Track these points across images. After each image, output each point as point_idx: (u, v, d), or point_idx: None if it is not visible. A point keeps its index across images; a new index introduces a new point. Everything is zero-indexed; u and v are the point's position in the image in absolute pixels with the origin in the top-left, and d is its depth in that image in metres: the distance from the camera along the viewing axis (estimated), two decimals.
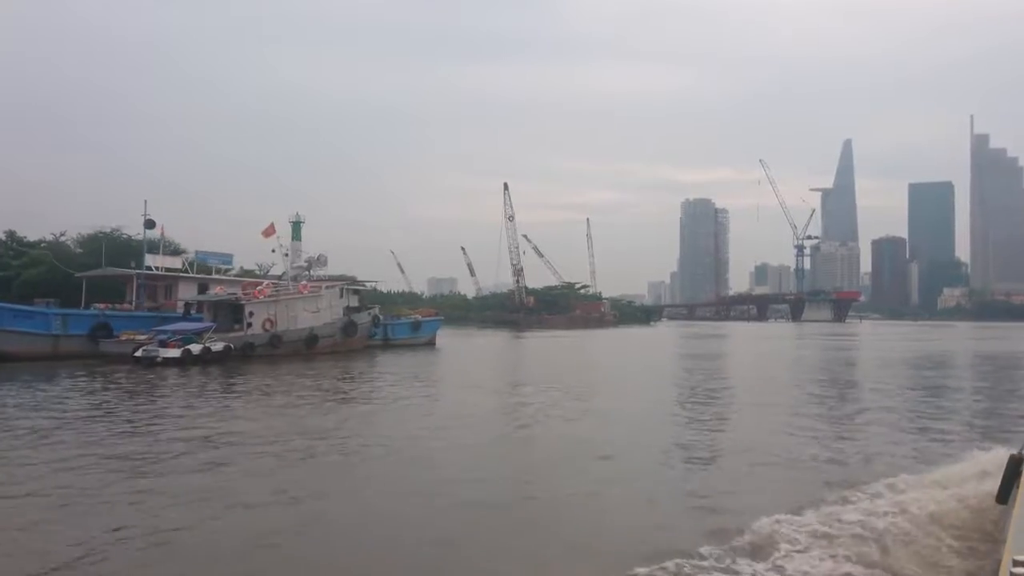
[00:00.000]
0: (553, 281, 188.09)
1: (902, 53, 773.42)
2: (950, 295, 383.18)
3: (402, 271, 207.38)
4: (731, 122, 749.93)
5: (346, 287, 56.86)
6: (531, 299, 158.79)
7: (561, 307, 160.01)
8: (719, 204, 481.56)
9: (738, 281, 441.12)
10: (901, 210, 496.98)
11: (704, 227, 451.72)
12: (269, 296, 50.21)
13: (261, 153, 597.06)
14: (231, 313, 48.42)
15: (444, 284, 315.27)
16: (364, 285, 66.15)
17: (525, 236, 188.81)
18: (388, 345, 61.54)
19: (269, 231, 53.48)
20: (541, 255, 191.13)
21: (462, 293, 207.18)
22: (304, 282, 54.16)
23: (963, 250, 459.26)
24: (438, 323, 73.74)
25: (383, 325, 63.07)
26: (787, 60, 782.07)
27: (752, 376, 41.08)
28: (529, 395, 28.77)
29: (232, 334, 45.88)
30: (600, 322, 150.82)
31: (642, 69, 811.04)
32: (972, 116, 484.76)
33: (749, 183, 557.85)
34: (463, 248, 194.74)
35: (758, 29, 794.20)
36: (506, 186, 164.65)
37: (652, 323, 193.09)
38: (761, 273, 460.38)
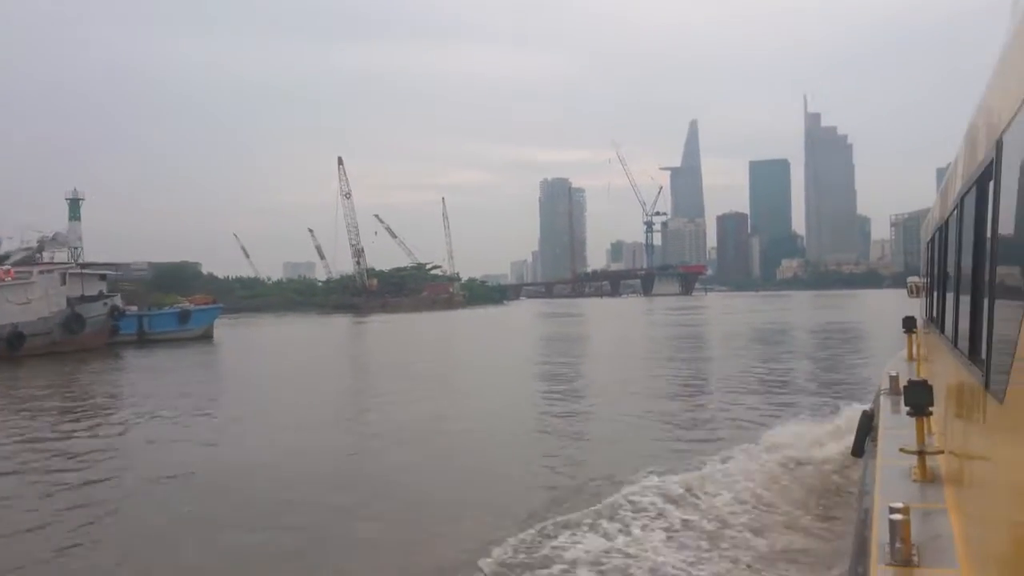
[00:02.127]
0: (411, 263, 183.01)
1: (744, 37, 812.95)
2: (788, 266, 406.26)
3: (246, 255, 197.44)
4: (589, 103, 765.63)
5: (73, 272, 47.90)
6: (374, 282, 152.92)
7: (411, 289, 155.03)
8: (577, 184, 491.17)
9: (596, 258, 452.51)
10: (743, 187, 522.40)
11: (562, 206, 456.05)
12: None
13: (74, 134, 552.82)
14: None
15: (301, 268, 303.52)
16: (111, 269, 57.10)
17: (377, 216, 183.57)
18: (145, 341, 52.84)
19: None
20: (395, 236, 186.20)
21: (315, 278, 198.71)
22: (7, 267, 45.43)
23: (799, 224, 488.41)
24: (215, 312, 64.52)
25: (139, 317, 55.37)
26: (640, 44, 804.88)
27: (604, 357, 40.14)
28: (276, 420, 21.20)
29: None
30: (449, 304, 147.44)
31: (503, 52, 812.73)
32: (806, 96, 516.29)
33: (605, 163, 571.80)
34: (311, 230, 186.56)
35: (613, 14, 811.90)
36: (340, 161, 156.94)
37: (506, 302, 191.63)
38: (617, 250, 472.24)
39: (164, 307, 62.33)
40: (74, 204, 49.77)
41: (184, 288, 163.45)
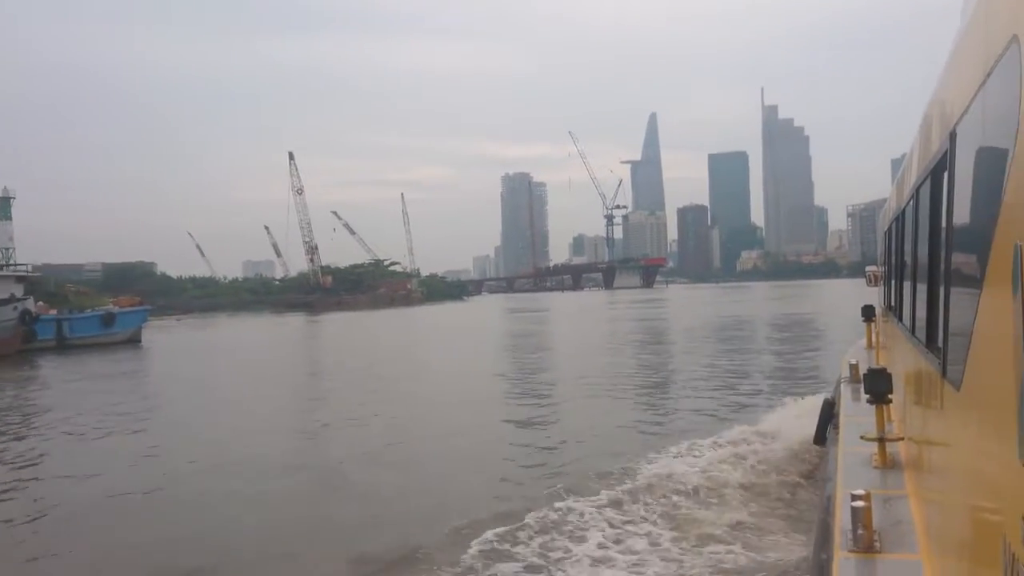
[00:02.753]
0: (369, 260, 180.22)
1: (702, 32, 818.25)
2: (748, 257, 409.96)
3: (202, 254, 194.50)
4: (549, 97, 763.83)
5: None
6: (328, 279, 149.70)
7: (368, 286, 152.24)
8: (538, 178, 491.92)
9: (559, 252, 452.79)
10: (703, 180, 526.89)
11: (524, 201, 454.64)
12: None
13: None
14: None
15: (261, 267, 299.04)
16: (28, 270, 53.90)
17: (335, 213, 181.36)
18: (66, 346, 50.30)
19: None
20: (353, 232, 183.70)
21: (275, 276, 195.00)
22: None
23: (758, 215, 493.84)
24: (143, 315, 61.37)
25: (57, 321, 52.38)
26: (600, 39, 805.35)
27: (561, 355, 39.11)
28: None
29: None
30: (407, 300, 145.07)
31: (464, 46, 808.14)
32: (763, 88, 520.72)
33: (566, 157, 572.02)
34: (267, 228, 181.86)
35: (573, 8, 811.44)
36: (292, 156, 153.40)
37: (466, 298, 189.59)
38: (579, 244, 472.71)
39: (85, 311, 58.41)
40: (3, 203, 46.66)
41: (135, 289, 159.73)
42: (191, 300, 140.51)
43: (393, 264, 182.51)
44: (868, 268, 16.05)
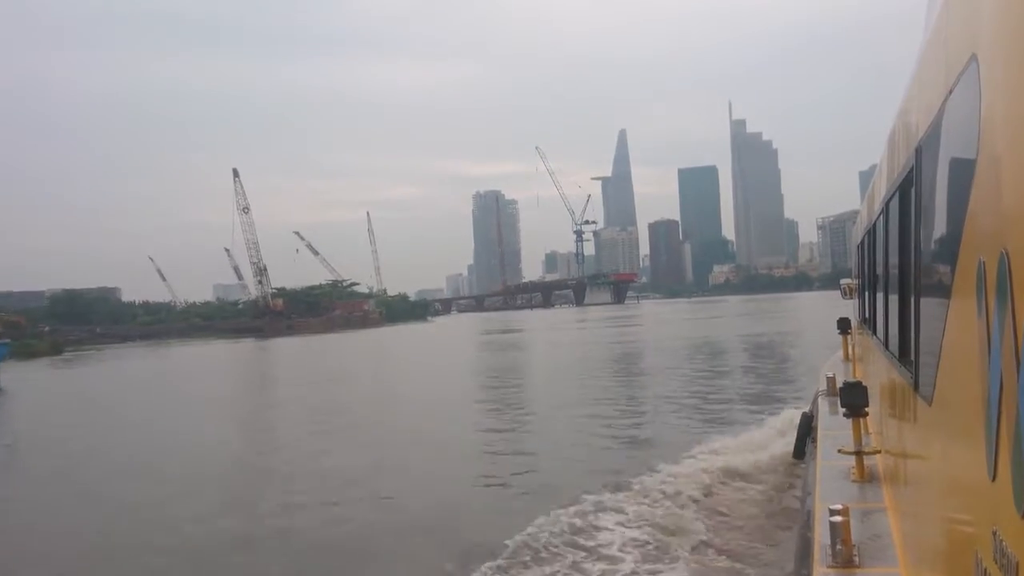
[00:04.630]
0: (328, 281, 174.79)
1: (669, 49, 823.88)
2: (720, 271, 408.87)
3: (163, 278, 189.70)
4: (519, 117, 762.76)
5: None
6: (279, 302, 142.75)
7: (324, 308, 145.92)
8: (510, 196, 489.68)
9: (531, 269, 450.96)
10: (673, 195, 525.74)
11: (495, 219, 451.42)
12: None
13: None
14: None
15: (233, 290, 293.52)
16: None
17: (298, 233, 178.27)
18: None
19: None
20: (316, 252, 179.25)
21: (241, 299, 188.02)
22: None
23: (729, 229, 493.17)
24: (2, 350, 55.02)
25: None
26: (568, 56, 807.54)
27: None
28: None
29: None
30: (364, 322, 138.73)
31: (432, 66, 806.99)
32: (730, 102, 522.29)
33: (537, 174, 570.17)
34: (227, 250, 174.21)
35: (541, 27, 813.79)
36: (236, 173, 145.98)
37: (430, 318, 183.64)
38: (551, 261, 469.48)
39: None
40: None
41: (84, 316, 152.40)
42: (132, 328, 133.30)
43: (352, 285, 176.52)
44: (843, 281, 16.15)
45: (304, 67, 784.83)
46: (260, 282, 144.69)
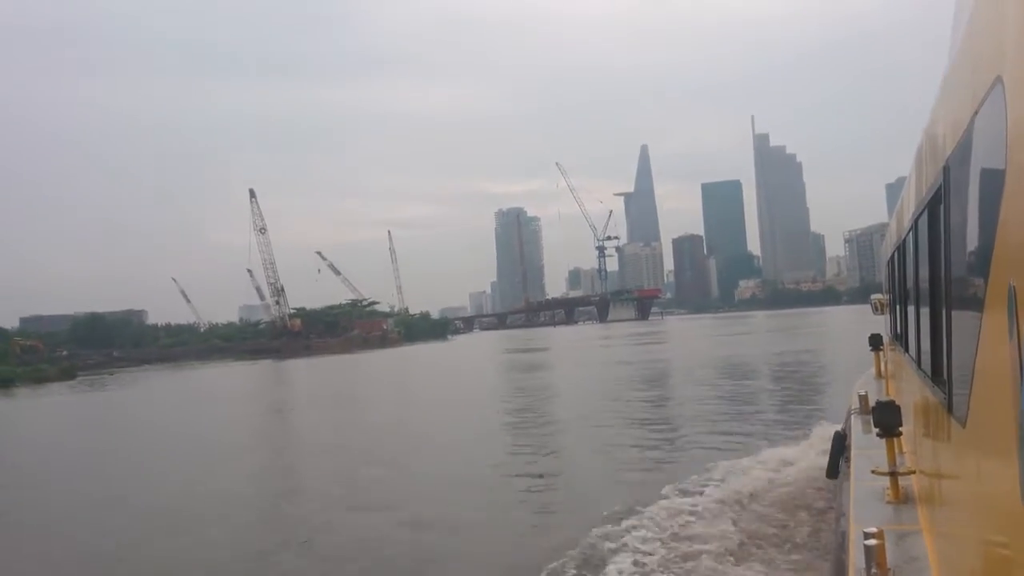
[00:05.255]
0: (355, 299, 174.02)
1: (690, 64, 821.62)
2: (746, 286, 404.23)
3: (187, 300, 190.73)
4: (542, 134, 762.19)
5: None
6: (297, 322, 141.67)
7: (344, 328, 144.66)
8: (533, 212, 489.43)
9: (556, 286, 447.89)
10: (697, 210, 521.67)
11: (518, 236, 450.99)
12: None
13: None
14: None
15: (256, 311, 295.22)
16: None
17: (319, 253, 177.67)
18: None
19: None
20: (338, 273, 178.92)
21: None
22: None
23: (754, 243, 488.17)
24: None
25: None
26: (589, 74, 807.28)
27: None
28: None
29: None
30: (383, 342, 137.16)
31: (452, 86, 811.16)
32: (753, 117, 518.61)
33: (559, 191, 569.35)
34: (249, 271, 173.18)
35: (562, 45, 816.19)
36: (252, 194, 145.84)
37: (450, 337, 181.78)
38: (575, 277, 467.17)
39: None
40: None
41: (106, 339, 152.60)
42: (151, 351, 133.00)
43: (372, 304, 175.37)
44: (873, 296, 16.08)
45: (328, 90, 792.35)
46: (277, 302, 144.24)
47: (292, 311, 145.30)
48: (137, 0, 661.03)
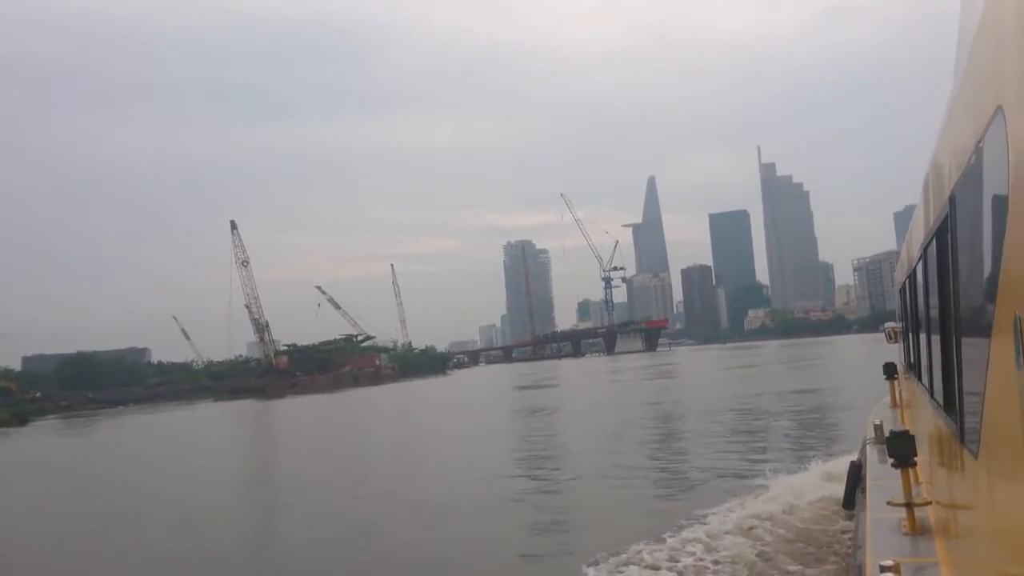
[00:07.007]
0: (355, 334, 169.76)
1: (697, 97, 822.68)
2: (755, 316, 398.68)
3: (187, 337, 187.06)
4: (550, 167, 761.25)
5: None
6: (283, 359, 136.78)
7: (335, 364, 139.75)
8: (541, 245, 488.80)
9: (565, 318, 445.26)
10: (705, 240, 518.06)
11: (524, 269, 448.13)
12: None
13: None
14: None
15: (256, 348, 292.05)
16: None
17: (319, 288, 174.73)
18: None
19: None
20: (338, 307, 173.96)
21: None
22: None
23: (763, 273, 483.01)
24: None
25: None
26: (597, 107, 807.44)
27: None
28: None
29: None
30: (375, 378, 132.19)
31: (462, 120, 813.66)
32: (759, 147, 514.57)
33: (565, 224, 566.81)
34: (247, 306, 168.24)
35: (571, 79, 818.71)
36: (234, 225, 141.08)
37: (449, 371, 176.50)
38: (584, 309, 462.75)
39: None
40: None
41: (93, 380, 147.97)
42: (126, 392, 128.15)
43: (368, 339, 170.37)
44: (886, 324, 15.83)
45: (330, 126, 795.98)
46: (262, 339, 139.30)
47: (283, 347, 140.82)
48: (152, 47, 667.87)
